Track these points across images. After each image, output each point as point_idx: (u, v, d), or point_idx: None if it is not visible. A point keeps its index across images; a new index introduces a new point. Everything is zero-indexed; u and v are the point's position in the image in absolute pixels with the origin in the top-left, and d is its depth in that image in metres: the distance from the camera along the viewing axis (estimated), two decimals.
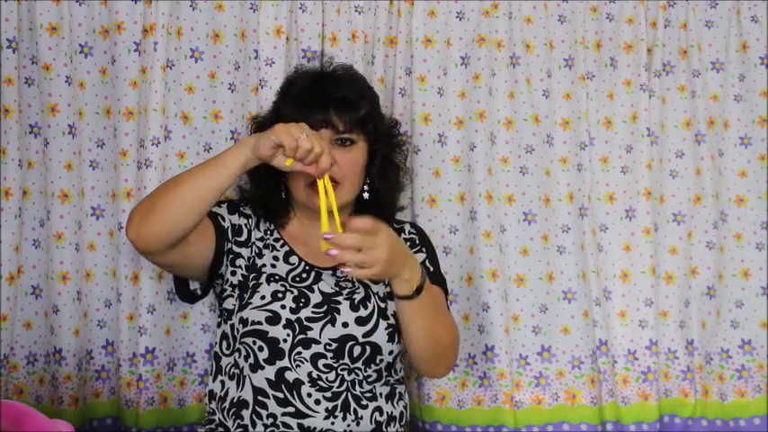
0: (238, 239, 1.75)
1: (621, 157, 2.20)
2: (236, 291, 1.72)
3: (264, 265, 1.73)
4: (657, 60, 2.21)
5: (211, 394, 1.73)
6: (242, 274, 1.72)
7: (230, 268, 1.73)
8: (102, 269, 1.99)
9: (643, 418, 2.15)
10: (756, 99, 2.23)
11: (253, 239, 1.76)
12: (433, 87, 2.13)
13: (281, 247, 1.77)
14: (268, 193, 1.79)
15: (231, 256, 1.73)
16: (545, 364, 2.14)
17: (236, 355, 1.69)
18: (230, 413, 1.67)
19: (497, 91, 2.15)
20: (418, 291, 1.58)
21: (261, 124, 1.83)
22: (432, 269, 1.82)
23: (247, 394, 1.66)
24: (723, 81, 2.24)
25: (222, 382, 1.71)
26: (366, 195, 1.78)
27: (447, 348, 1.71)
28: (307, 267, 1.74)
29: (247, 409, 1.65)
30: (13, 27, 1.89)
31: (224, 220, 1.74)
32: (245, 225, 1.77)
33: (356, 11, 2.11)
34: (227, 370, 1.70)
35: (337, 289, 1.71)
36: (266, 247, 1.76)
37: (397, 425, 1.73)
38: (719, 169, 2.23)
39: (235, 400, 1.67)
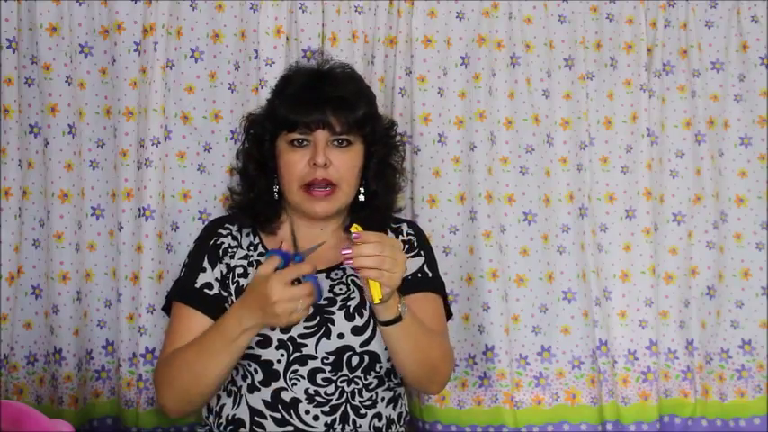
0: (234, 273, 1.72)
1: (621, 157, 2.20)
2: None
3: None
4: (657, 60, 2.21)
5: (208, 407, 1.71)
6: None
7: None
8: (102, 269, 1.99)
9: (643, 418, 2.15)
10: (756, 99, 2.23)
11: (236, 259, 1.72)
12: (433, 87, 2.13)
13: None
14: (260, 195, 1.75)
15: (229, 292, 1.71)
16: (545, 364, 2.14)
17: (234, 372, 1.66)
18: (227, 430, 1.65)
19: (497, 91, 2.15)
20: (401, 315, 1.54)
21: (255, 122, 1.80)
22: (430, 274, 1.78)
23: (243, 413, 1.63)
24: (723, 81, 2.24)
25: (218, 397, 1.68)
26: (362, 198, 1.75)
27: (438, 363, 1.66)
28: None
29: (244, 427, 1.63)
30: (13, 27, 1.89)
31: (211, 289, 1.69)
32: (231, 248, 1.74)
33: (356, 11, 2.11)
34: (225, 385, 1.67)
35: (331, 295, 1.68)
36: (250, 264, 1.72)
37: (398, 426, 1.72)
38: (719, 169, 2.23)
39: (230, 418, 1.65)
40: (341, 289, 1.69)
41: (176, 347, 1.63)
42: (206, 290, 1.69)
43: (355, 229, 1.50)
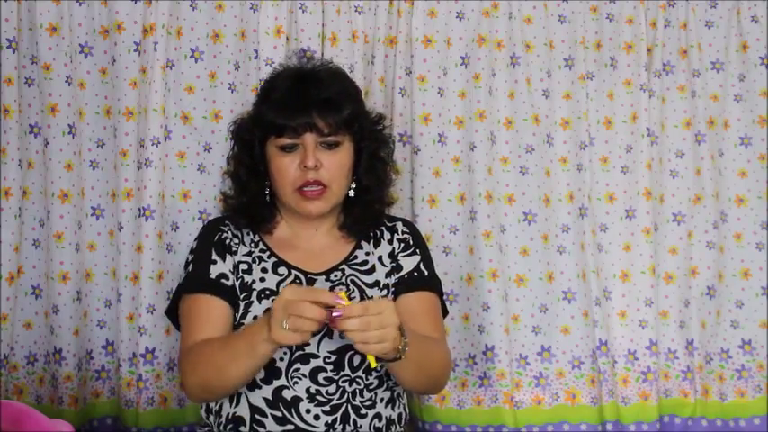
0: (243, 268, 1.72)
1: (621, 157, 2.20)
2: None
3: (254, 281, 1.69)
4: (657, 60, 2.21)
5: (207, 407, 1.70)
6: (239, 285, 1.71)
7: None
8: (102, 269, 1.99)
9: (643, 418, 2.15)
10: (756, 99, 2.23)
11: (240, 255, 1.72)
12: (433, 87, 2.13)
13: (269, 257, 1.73)
14: (253, 198, 1.75)
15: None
16: (545, 364, 2.14)
17: None
18: (227, 428, 1.65)
19: (497, 91, 2.15)
20: (405, 347, 1.52)
21: (243, 128, 1.79)
22: (426, 273, 1.78)
23: (243, 411, 1.63)
24: (723, 81, 2.24)
25: None
26: (351, 193, 1.75)
27: (440, 375, 1.69)
28: (297, 276, 1.71)
29: (245, 425, 1.63)
30: (13, 27, 1.89)
31: (228, 279, 1.69)
32: (234, 244, 1.74)
33: (356, 11, 2.11)
34: None
35: None
36: (254, 260, 1.72)
37: (398, 426, 1.72)
38: (719, 169, 2.23)
39: (230, 417, 1.64)
40: (341, 289, 1.69)
41: (202, 337, 1.62)
42: (222, 280, 1.69)
43: (343, 296, 1.44)
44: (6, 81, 1.87)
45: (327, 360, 1.62)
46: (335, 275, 1.71)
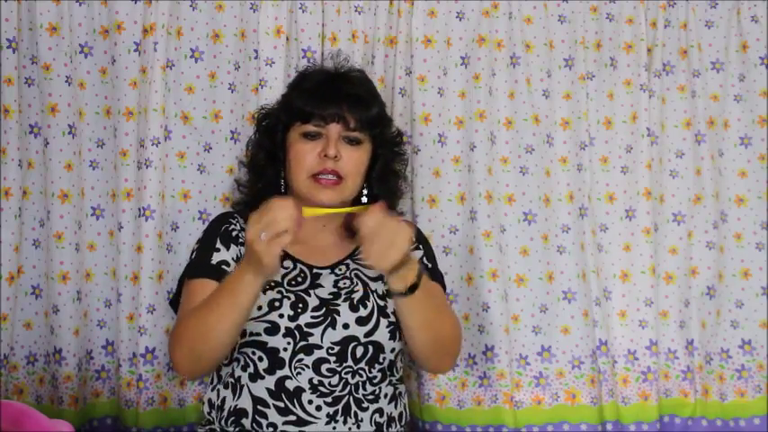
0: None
1: (621, 157, 2.20)
2: None
3: None
4: (657, 60, 2.21)
5: (210, 403, 1.71)
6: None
7: None
8: (102, 269, 1.99)
9: (643, 418, 2.15)
10: (756, 99, 2.23)
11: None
12: (433, 87, 2.13)
13: None
14: (268, 185, 1.78)
15: None
16: (545, 364, 2.14)
17: (235, 364, 1.67)
18: (229, 422, 1.65)
19: (497, 91, 2.15)
20: (415, 287, 1.56)
21: (268, 114, 1.84)
22: (430, 266, 1.82)
23: (246, 403, 1.64)
24: (723, 81, 2.24)
25: (218, 391, 1.69)
26: (365, 200, 1.79)
27: (448, 341, 1.71)
28: (303, 270, 1.73)
29: (247, 417, 1.63)
30: (13, 27, 1.89)
31: (229, 266, 1.71)
32: (242, 236, 1.74)
33: (356, 11, 2.11)
34: (225, 379, 1.68)
35: (336, 290, 1.70)
36: None
37: (398, 425, 1.73)
38: (719, 169, 2.23)
39: (232, 409, 1.65)
40: (345, 283, 1.72)
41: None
42: (223, 266, 1.70)
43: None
44: (6, 81, 1.87)
45: (331, 351, 1.63)
46: (340, 269, 1.74)
